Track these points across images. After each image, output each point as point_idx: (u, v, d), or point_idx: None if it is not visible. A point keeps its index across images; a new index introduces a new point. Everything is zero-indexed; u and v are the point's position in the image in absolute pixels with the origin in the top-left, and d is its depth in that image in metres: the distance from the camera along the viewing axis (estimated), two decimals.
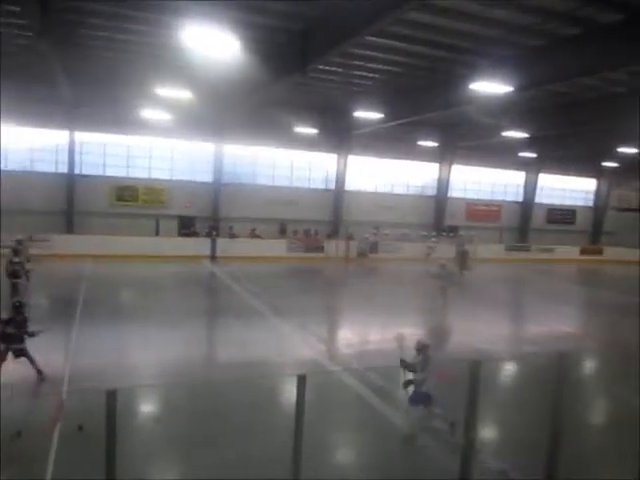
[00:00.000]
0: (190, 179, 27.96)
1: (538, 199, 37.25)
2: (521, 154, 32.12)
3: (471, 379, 5.68)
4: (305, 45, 15.34)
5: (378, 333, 14.11)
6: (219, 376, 9.99)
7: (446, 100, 19.44)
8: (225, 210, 28.26)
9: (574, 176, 38.60)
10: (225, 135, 27.69)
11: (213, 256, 25.36)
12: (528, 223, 37.02)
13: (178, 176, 27.75)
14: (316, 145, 29.19)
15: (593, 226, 40.09)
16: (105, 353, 10.82)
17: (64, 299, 16.00)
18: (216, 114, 25.29)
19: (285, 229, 29.89)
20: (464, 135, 29.56)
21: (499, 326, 16.32)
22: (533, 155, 32.74)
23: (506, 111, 22.70)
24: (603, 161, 35.24)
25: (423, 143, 29.74)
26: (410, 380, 7.45)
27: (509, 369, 11.62)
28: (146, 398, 8.71)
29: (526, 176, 36.82)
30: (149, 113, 23.27)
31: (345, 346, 12.90)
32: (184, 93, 18.97)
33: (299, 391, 5.03)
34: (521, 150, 31.32)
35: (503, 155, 33.10)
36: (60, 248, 22.85)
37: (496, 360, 11.34)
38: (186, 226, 27.70)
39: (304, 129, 26.27)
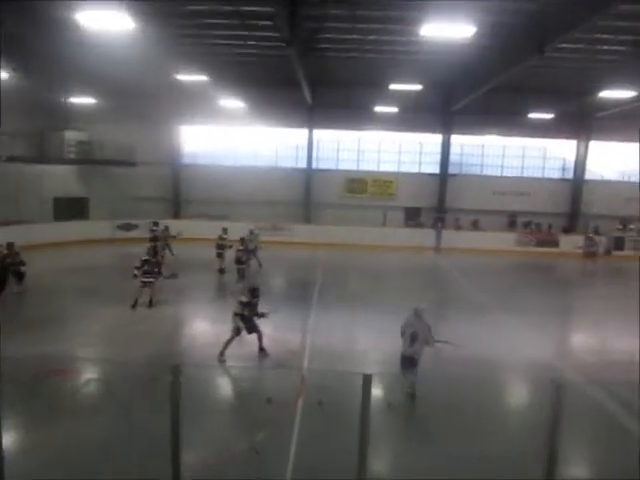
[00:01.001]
0: (417, 171, 28.22)
1: None
2: None
3: None
4: (542, 25, 14.16)
5: (626, 343, 12.37)
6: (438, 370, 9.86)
7: None
8: (450, 201, 27.86)
9: None
10: (453, 125, 27.21)
11: (437, 247, 25.25)
12: None
13: (405, 168, 28.23)
14: (552, 131, 26.77)
15: None
16: (337, 335, 11.59)
17: (302, 283, 17.66)
18: (444, 104, 25.00)
19: (515, 221, 28.17)
20: None
21: None
22: None
23: None
24: None
25: None
26: None
27: None
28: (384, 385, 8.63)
29: None
30: (379, 108, 24.16)
31: (585, 352, 11.63)
32: (414, 86, 19.16)
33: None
34: None
35: None
36: (299, 237, 25.36)
37: None
38: (412, 217, 28.09)
39: (538, 114, 24.33)
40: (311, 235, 25.64)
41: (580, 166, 27.81)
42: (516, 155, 28.28)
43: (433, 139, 27.90)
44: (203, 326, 12.83)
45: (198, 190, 27.40)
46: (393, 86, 20.00)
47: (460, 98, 23.62)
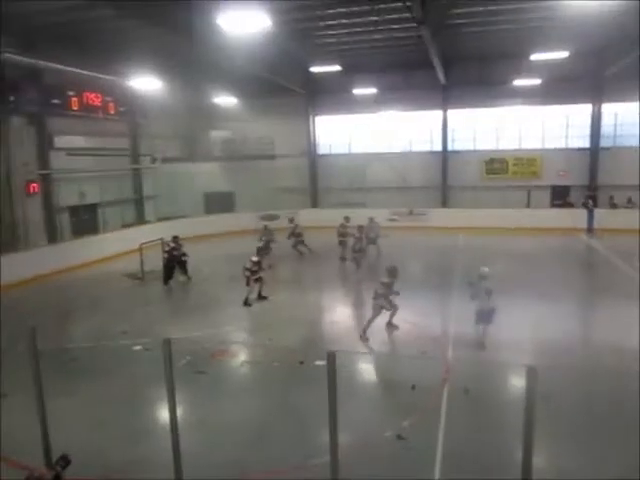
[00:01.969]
0: (564, 146, 26.06)
1: None
2: None
3: None
4: None
5: None
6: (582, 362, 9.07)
7: None
8: (604, 178, 25.29)
9: None
10: (605, 93, 24.62)
11: (590, 228, 23.07)
12: None
13: (550, 144, 26.21)
14: None
15: None
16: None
17: (441, 269, 17.33)
18: (595, 70, 22.71)
19: None
20: None
21: None
22: None
23: None
24: None
25: None
26: None
27: None
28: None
29: None
30: (519, 82, 22.67)
31: None
32: (559, 53, 17.67)
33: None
34: None
35: None
36: (436, 221, 24.80)
37: None
38: (560, 196, 26.03)
39: None
40: (449, 219, 24.93)
41: None
42: None
43: (582, 109, 25.53)
44: (341, 312, 13.34)
45: (334, 179, 28.01)
46: (535, 56, 18.64)
47: (614, 61, 21.25)
